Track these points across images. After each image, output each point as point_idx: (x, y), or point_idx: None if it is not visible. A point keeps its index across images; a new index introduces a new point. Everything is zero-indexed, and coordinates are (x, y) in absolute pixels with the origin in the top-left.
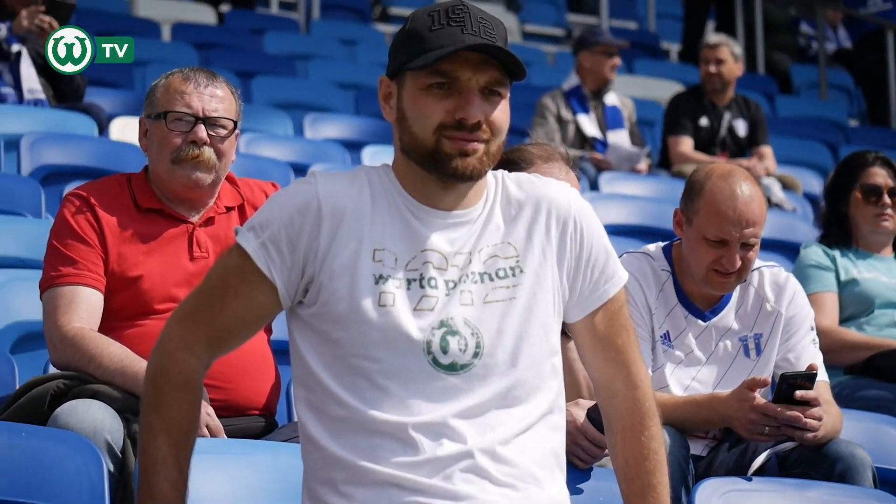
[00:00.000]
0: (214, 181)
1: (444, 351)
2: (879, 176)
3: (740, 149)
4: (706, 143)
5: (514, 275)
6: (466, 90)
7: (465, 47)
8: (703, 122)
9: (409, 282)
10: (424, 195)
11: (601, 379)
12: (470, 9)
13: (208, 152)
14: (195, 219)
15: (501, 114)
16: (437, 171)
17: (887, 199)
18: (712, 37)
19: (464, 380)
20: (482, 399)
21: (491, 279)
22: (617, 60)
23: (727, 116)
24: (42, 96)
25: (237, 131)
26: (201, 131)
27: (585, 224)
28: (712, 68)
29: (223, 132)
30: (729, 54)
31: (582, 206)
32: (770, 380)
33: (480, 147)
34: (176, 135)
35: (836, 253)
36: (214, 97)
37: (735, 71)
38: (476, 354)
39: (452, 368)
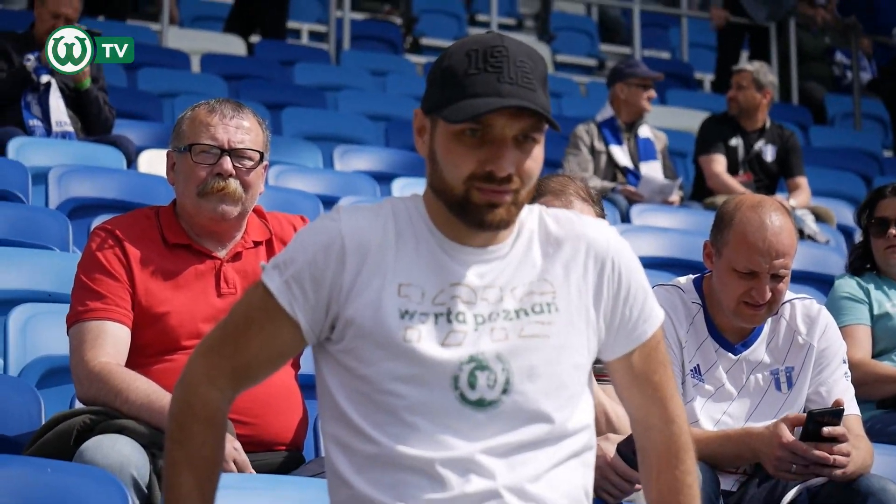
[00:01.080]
0: (241, 213)
1: (472, 386)
2: (890, 208)
3: (766, 173)
4: (731, 163)
5: (549, 311)
6: (499, 140)
7: (498, 108)
8: (733, 142)
9: (436, 316)
10: (454, 232)
11: (637, 414)
12: (509, 50)
13: (234, 184)
14: (223, 254)
15: (533, 162)
16: (465, 220)
17: (894, 231)
18: (741, 63)
19: (491, 416)
20: (511, 436)
21: (527, 314)
22: (652, 92)
23: (757, 142)
24: (70, 129)
25: (265, 163)
26: (227, 163)
27: (624, 264)
28: (731, 93)
29: (249, 163)
30: (750, 81)
31: (620, 247)
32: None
33: (509, 197)
34: (202, 167)
35: (871, 286)
36: (240, 128)
37: (756, 98)
38: (505, 391)
39: (480, 404)
